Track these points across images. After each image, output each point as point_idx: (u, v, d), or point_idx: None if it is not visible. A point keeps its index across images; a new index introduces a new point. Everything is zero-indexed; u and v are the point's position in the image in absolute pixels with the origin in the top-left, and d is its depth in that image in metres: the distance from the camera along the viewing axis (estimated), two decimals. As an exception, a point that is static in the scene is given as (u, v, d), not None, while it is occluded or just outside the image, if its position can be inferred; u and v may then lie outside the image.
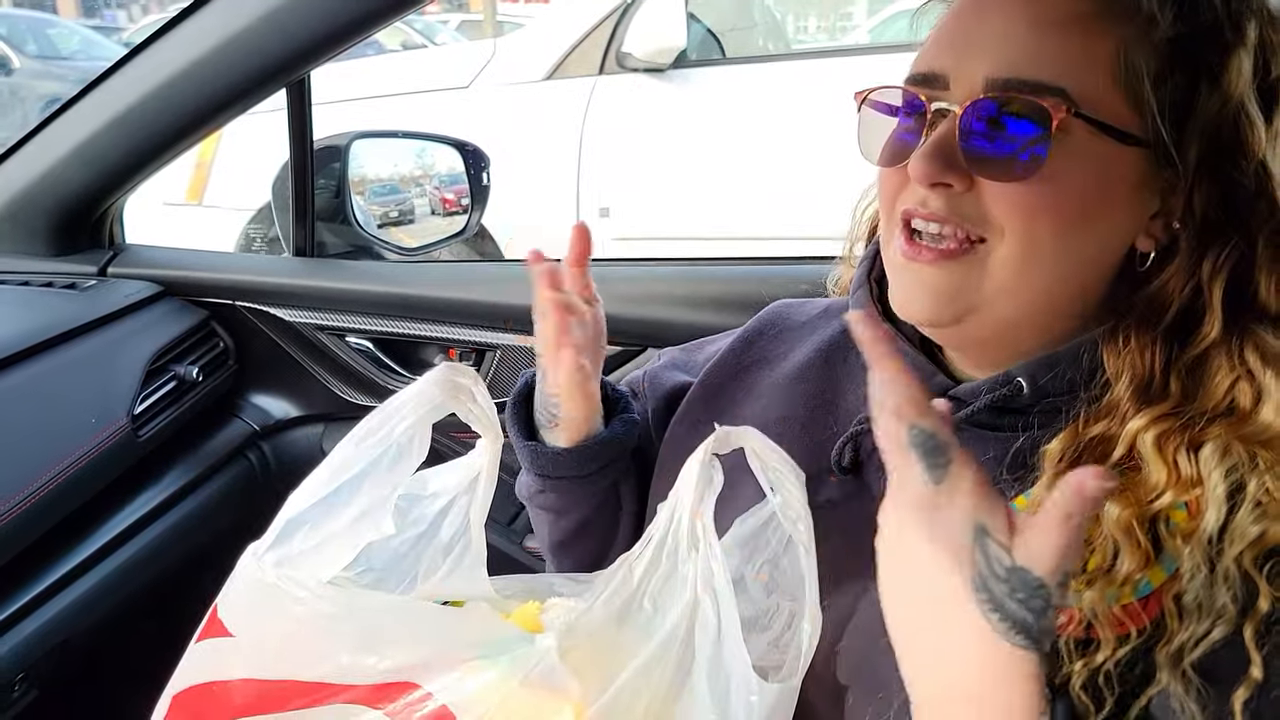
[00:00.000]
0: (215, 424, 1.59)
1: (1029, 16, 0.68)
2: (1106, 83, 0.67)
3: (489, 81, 3.68)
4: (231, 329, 1.61)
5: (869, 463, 0.82)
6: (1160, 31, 0.67)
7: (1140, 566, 0.64)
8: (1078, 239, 0.69)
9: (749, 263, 1.71)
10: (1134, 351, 0.69)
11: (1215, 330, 0.68)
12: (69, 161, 1.45)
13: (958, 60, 0.70)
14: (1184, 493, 0.65)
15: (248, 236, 3.45)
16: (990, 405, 0.74)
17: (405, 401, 0.77)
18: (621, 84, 3.59)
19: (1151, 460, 0.66)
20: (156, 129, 1.42)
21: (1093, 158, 0.67)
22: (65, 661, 1.23)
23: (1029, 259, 0.69)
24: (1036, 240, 0.69)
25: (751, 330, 0.99)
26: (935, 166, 0.69)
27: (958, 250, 0.71)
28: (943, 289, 0.71)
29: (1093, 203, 0.69)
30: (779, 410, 0.89)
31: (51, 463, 1.18)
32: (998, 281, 0.70)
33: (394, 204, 2.08)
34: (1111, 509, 0.65)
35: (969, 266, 0.70)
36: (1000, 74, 0.68)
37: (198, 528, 1.45)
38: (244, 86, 1.39)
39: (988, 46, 0.69)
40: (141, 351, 1.42)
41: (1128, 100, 0.67)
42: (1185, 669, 0.62)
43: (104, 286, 1.52)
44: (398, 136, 2.00)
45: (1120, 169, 0.68)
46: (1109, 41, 0.67)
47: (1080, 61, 0.67)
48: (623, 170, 3.58)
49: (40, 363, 1.29)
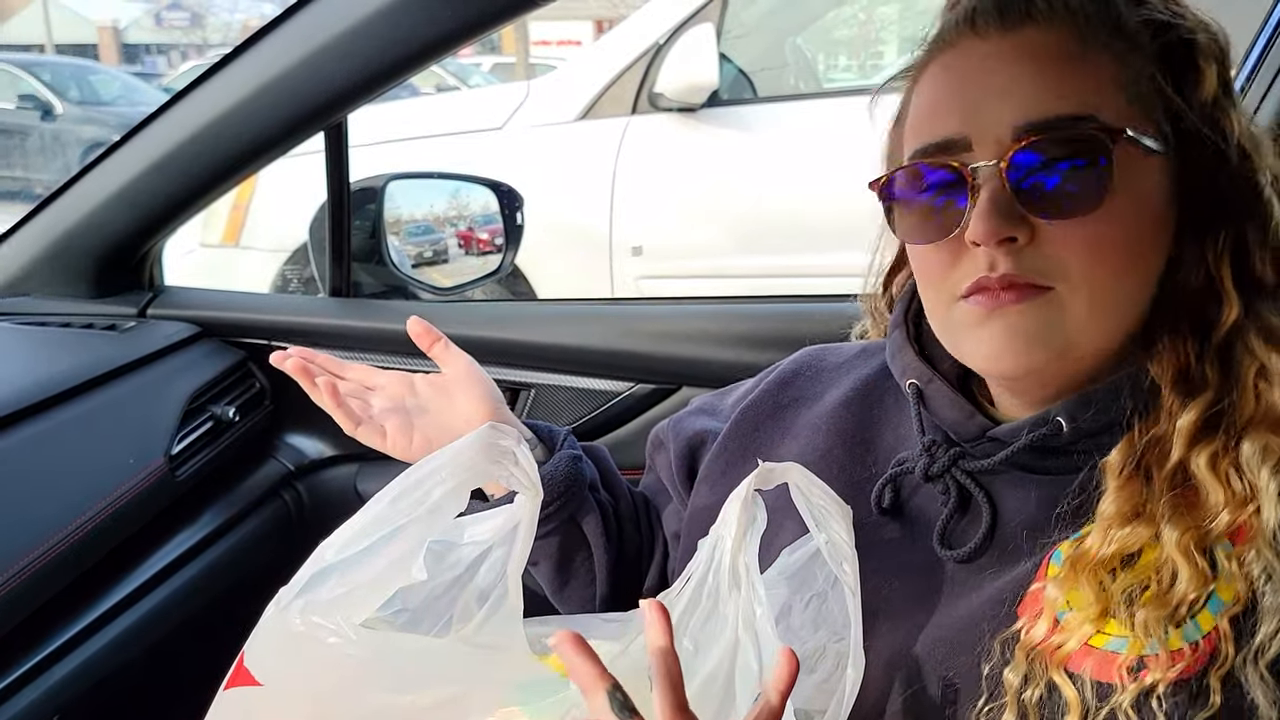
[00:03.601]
0: (251, 464, 1.59)
1: (1036, 60, 0.70)
2: (1123, 103, 0.69)
3: (523, 122, 3.71)
4: (268, 369, 1.62)
5: (909, 503, 0.81)
6: (1146, 46, 0.71)
7: (1200, 588, 0.63)
8: (1141, 265, 0.71)
9: (781, 301, 1.70)
10: (1169, 348, 0.70)
11: (1235, 312, 0.70)
12: (110, 205, 1.47)
13: (974, 119, 0.70)
14: (1240, 511, 0.65)
15: (284, 277, 3.49)
16: (1030, 446, 0.73)
17: (444, 464, 0.76)
18: (654, 124, 3.62)
19: (1208, 481, 0.66)
20: (196, 173, 1.44)
21: (1136, 179, 0.69)
22: (100, 702, 1.23)
23: (1098, 297, 0.69)
24: (1104, 277, 0.69)
25: (787, 371, 0.98)
26: (999, 223, 0.68)
27: (1035, 291, 0.70)
28: (1033, 330, 0.70)
29: (1145, 227, 0.70)
30: (817, 449, 0.88)
31: (91, 502, 1.19)
32: (1076, 323, 0.70)
33: (429, 244, 2.10)
34: (1171, 533, 0.65)
35: (1049, 308, 0.70)
36: (1030, 118, 0.68)
37: (233, 567, 1.45)
38: (282, 131, 1.41)
39: (1005, 97, 0.69)
40: (179, 392, 1.43)
41: (1142, 115, 0.70)
42: (1262, 671, 0.62)
43: (143, 328, 1.54)
44: (433, 177, 2.03)
45: (1154, 184, 0.70)
46: (1111, 64, 0.70)
47: (1097, 88, 0.69)
48: (655, 209, 3.59)
49: (81, 403, 1.30)
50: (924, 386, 0.80)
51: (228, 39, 22.56)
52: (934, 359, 0.81)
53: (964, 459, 0.77)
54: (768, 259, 3.47)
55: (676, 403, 1.52)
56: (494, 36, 16.70)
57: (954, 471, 0.77)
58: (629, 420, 1.54)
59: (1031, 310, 0.69)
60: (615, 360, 1.54)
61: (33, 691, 1.09)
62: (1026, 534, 0.73)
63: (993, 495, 0.76)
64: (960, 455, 0.77)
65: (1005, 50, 0.71)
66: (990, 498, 0.75)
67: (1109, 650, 0.65)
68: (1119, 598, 0.66)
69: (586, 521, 0.99)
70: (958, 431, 0.78)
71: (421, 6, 1.28)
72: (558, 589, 1.03)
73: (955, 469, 0.77)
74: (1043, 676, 0.66)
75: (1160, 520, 0.66)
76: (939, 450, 0.78)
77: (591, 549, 1.00)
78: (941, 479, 0.78)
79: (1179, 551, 0.64)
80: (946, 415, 0.79)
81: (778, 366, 1.00)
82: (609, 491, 1.04)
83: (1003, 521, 0.75)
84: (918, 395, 0.80)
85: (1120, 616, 0.65)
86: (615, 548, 1.01)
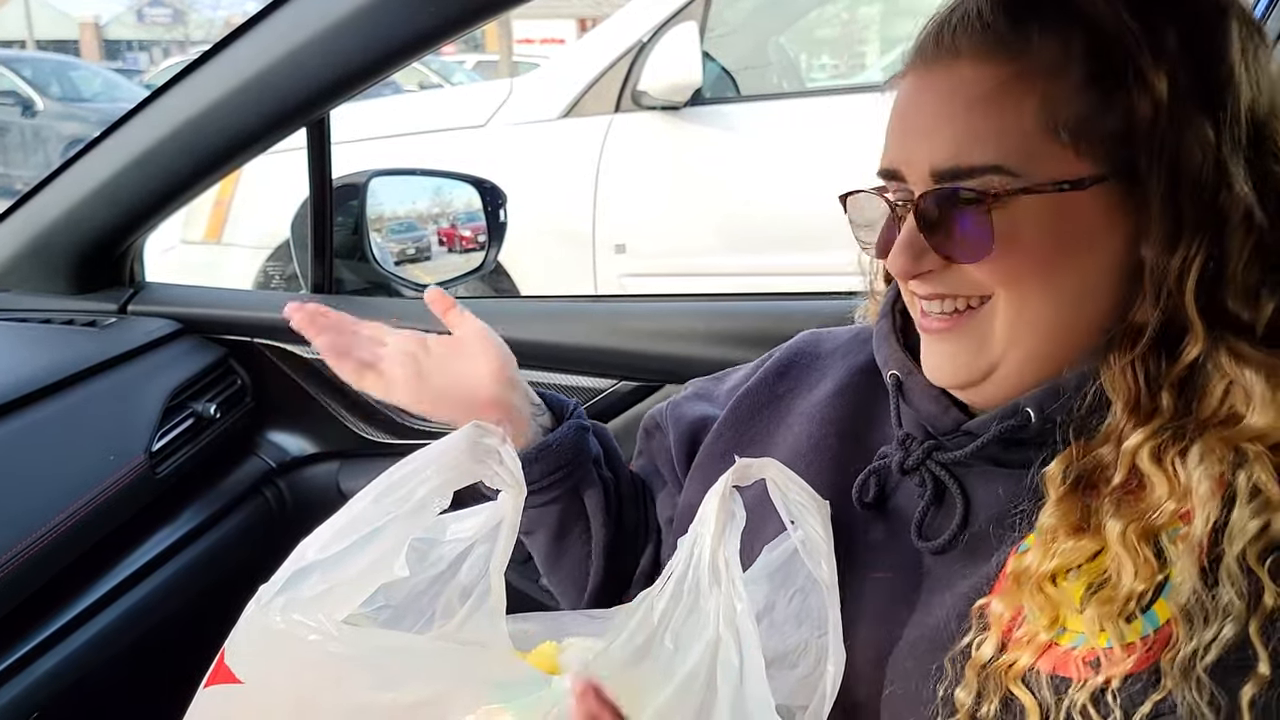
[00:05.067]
0: (232, 461, 1.59)
1: (954, 103, 0.71)
2: (1043, 141, 0.69)
3: (505, 120, 3.71)
4: (249, 366, 1.62)
5: (891, 496, 0.81)
6: (1075, 73, 0.68)
7: (1147, 580, 0.64)
8: (1063, 281, 0.71)
9: (765, 299, 1.71)
10: (1121, 372, 0.69)
11: (1199, 342, 0.68)
12: (91, 201, 1.47)
13: (906, 154, 0.73)
14: (1184, 501, 0.65)
15: (266, 274, 3.48)
16: (999, 438, 0.74)
17: (428, 462, 0.76)
18: (637, 122, 3.62)
19: (1152, 473, 0.66)
20: (177, 169, 1.43)
21: (1049, 215, 0.69)
22: (80, 700, 1.22)
23: (1024, 312, 0.72)
24: (1023, 297, 0.71)
25: (783, 359, 0.98)
26: (909, 262, 0.73)
27: (961, 317, 0.74)
28: (961, 353, 0.75)
29: (1066, 251, 0.70)
30: (811, 438, 0.89)
31: (71, 499, 1.18)
32: (1006, 335, 0.73)
33: (411, 241, 2.09)
34: (1114, 525, 0.66)
35: (978, 325, 0.74)
36: (940, 164, 0.70)
37: (214, 564, 1.44)
38: (264, 127, 1.40)
39: (927, 137, 0.72)
40: (160, 388, 1.42)
41: (1070, 147, 0.68)
42: (1198, 675, 0.61)
43: (124, 324, 1.53)
44: (416, 174, 2.02)
45: (1084, 211, 0.69)
46: (1032, 101, 0.68)
47: (1010, 131, 0.69)
48: (638, 207, 3.59)
49: (61, 399, 1.29)
50: (904, 378, 0.81)
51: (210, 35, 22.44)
52: (917, 350, 0.81)
53: (938, 451, 0.78)
54: (752, 257, 3.47)
55: (660, 400, 1.52)
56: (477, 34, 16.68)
57: (929, 464, 0.78)
58: (613, 417, 1.54)
59: (958, 331, 0.74)
60: (599, 357, 1.54)
61: (12, 689, 1.08)
62: (994, 528, 0.73)
63: (966, 487, 0.77)
64: (935, 448, 0.78)
65: (936, 86, 0.72)
66: (964, 489, 0.76)
67: (1069, 647, 0.66)
68: (1070, 604, 0.66)
69: (589, 494, 1.00)
70: (934, 424, 0.79)
71: (403, 3, 1.27)
72: (552, 564, 1.03)
73: (930, 461, 0.78)
74: (997, 692, 0.67)
75: (1103, 523, 0.67)
76: (914, 444, 0.79)
77: (590, 523, 1.00)
78: (917, 471, 0.79)
79: (1122, 546, 0.65)
80: (923, 407, 0.80)
81: (775, 353, 1.00)
82: (611, 470, 1.04)
83: (974, 513, 0.76)
84: (897, 386, 0.82)
85: (1074, 616, 0.66)
86: (614, 525, 1.01)
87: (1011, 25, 0.69)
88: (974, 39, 0.70)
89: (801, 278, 3.24)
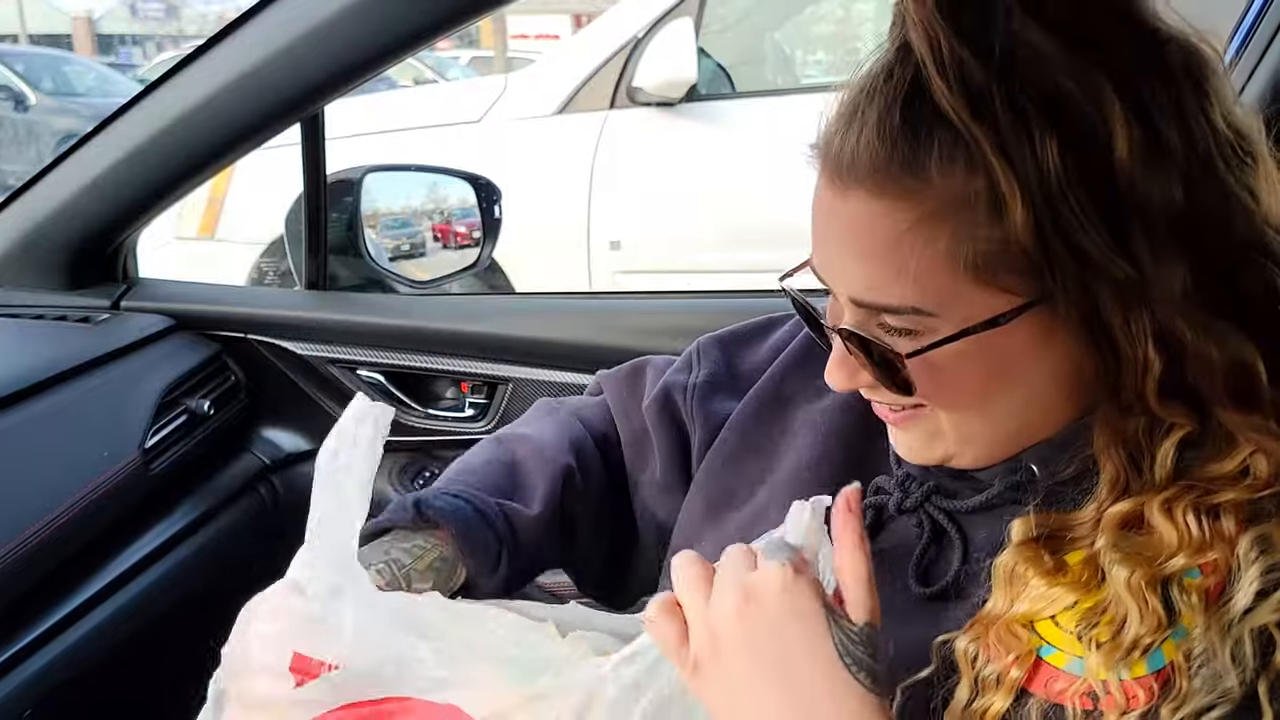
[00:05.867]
0: (226, 458, 1.58)
1: (859, 242, 0.65)
2: (954, 282, 0.63)
3: (500, 116, 3.70)
4: (244, 362, 1.61)
5: (887, 528, 0.79)
6: (981, 206, 0.61)
7: (1153, 631, 0.61)
8: (999, 402, 0.69)
9: (761, 295, 1.70)
10: (1105, 450, 0.66)
11: (1186, 426, 0.64)
12: (83, 196, 1.46)
13: (827, 272, 0.70)
14: (1199, 556, 0.62)
15: (260, 270, 3.47)
16: (1006, 489, 0.73)
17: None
18: (632, 118, 3.61)
19: (1161, 524, 0.63)
20: (170, 164, 1.43)
21: (973, 352, 0.65)
22: (75, 696, 1.21)
23: (964, 421, 0.70)
24: (960, 417, 0.70)
25: (798, 355, 0.94)
26: (843, 381, 0.71)
27: (908, 416, 0.73)
28: (915, 445, 0.74)
29: (996, 379, 0.68)
30: (815, 449, 0.86)
31: (64, 496, 1.18)
32: (954, 435, 0.71)
33: (406, 237, 2.08)
34: (1120, 571, 0.62)
35: (924, 425, 0.72)
36: (858, 295, 0.67)
37: (209, 561, 1.44)
38: (258, 122, 1.39)
39: (840, 267, 0.68)
40: (154, 385, 1.42)
41: (982, 285, 0.63)
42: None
43: (117, 320, 1.53)
44: (410, 170, 2.01)
45: (1011, 341, 0.65)
46: (940, 242, 0.62)
47: (921, 274, 0.63)
48: (634, 204, 3.59)
49: (53, 396, 1.28)
50: None
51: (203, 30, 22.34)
52: None
53: (936, 494, 0.76)
54: (747, 254, 3.47)
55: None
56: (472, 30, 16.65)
57: (927, 507, 0.76)
58: (607, 414, 1.54)
59: (910, 429, 0.73)
60: (594, 354, 1.54)
61: (4, 687, 1.08)
62: (988, 567, 0.70)
63: (965, 531, 0.74)
64: (935, 490, 0.76)
65: (839, 216, 0.66)
66: (963, 533, 0.74)
67: (1068, 672, 0.64)
68: (1061, 632, 0.64)
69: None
70: (933, 471, 0.77)
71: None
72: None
73: (929, 504, 0.76)
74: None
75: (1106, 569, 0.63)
76: (913, 485, 0.77)
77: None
78: (915, 513, 0.77)
79: (1128, 592, 0.62)
80: None
81: (796, 333, 0.96)
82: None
83: (972, 556, 0.73)
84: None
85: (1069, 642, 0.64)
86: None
87: (905, 163, 0.62)
88: (871, 173, 0.63)
89: (796, 274, 3.25)
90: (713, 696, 0.62)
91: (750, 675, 0.61)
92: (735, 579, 0.62)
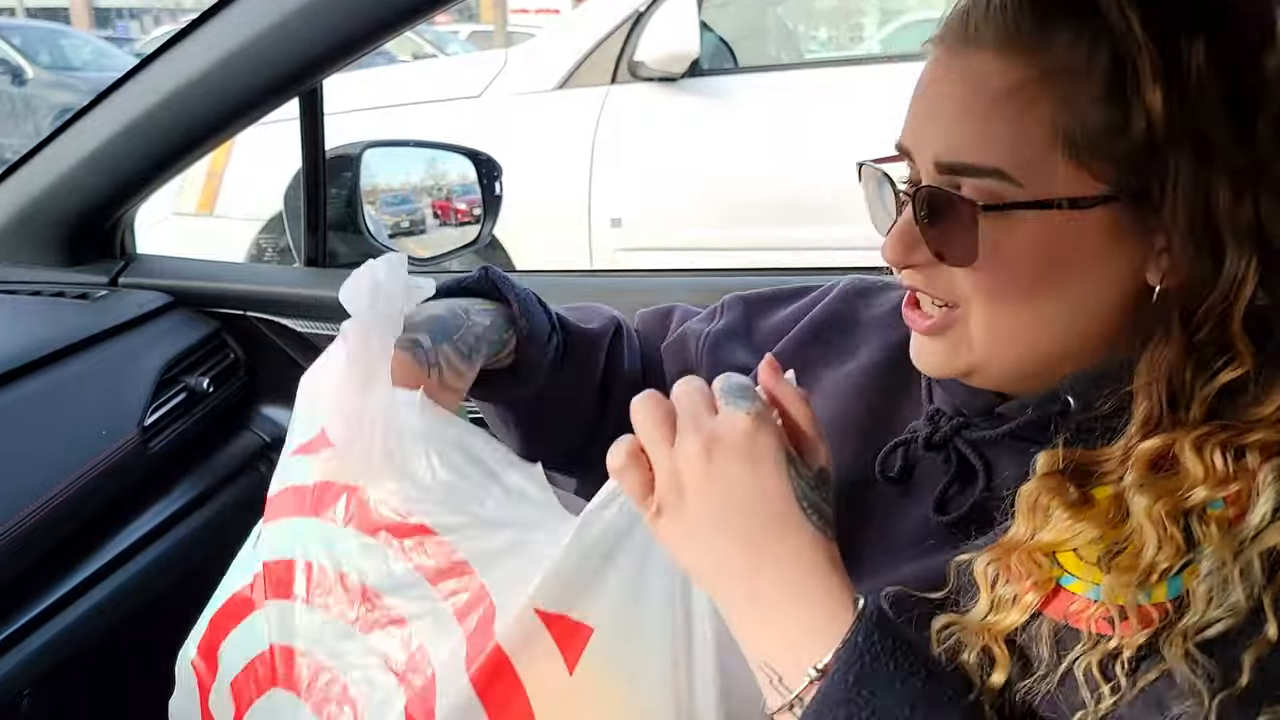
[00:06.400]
0: (226, 436, 1.57)
1: (965, 97, 0.68)
2: (1047, 152, 0.65)
3: (500, 91, 3.67)
4: (243, 340, 1.60)
5: (915, 470, 0.81)
6: (1096, 83, 0.64)
7: (1172, 557, 0.62)
8: (1047, 303, 0.69)
9: (764, 274, 1.69)
10: (1147, 385, 0.67)
11: (1245, 364, 0.65)
12: (80, 171, 1.44)
13: (916, 139, 0.72)
14: (1221, 489, 0.63)
15: (259, 246, 3.46)
16: (1035, 421, 0.73)
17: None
18: (634, 93, 3.59)
19: (1189, 459, 0.64)
20: (168, 139, 1.41)
21: (1043, 232, 0.66)
22: (73, 675, 1.21)
23: (1001, 328, 0.70)
24: (1002, 312, 0.70)
25: (818, 322, 0.97)
26: (900, 253, 0.72)
27: (939, 322, 0.73)
28: (937, 355, 0.74)
29: (1054, 271, 0.68)
30: (840, 409, 0.88)
31: (62, 474, 1.17)
32: (985, 343, 0.71)
33: (405, 214, 2.07)
34: (1141, 500, 0.64)
35: (955, 333, 0.73)
36: (945, 157, 0.68)
37: (209, 539, 1.43)
38: (256, 96, 1.38)
39: (934, 124, 0.70)
40: (153, 362, 1.41)
41: (1075, 163, 0.65)
42: (1189, 649, 0.60)
43: (115, 297, 1.51)
44: (410, 145, 1.99)
45: (1084, 231, 0.66)
46: (1044, 108, 0.65)
47: (1017, 137, 0.66)
48: (635, 180, 3.57)
49: (51, 373, 1.27)
50: None
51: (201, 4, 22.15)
52: None
53: (967, 429, 0.77)
54: (749, 231, 3.46)
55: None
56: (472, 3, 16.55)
57: (956, 441, 0.78)
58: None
59: (937, 339, 0.74)
60: (595, 332, 1.53)
61: (4, 663, 1.08)
62: (1011, 499, 0.71)
63: (991, 464, 0.76)
64: (964, 425, 0.78)
65: (951, 73, 0.70)
66: (988, 466, 0.76)
67: (1086, 598, 0.65)
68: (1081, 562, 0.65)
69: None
70: (965, 407, 0.79)
71: (398, -30, 1.25)
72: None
73: (957, 438, 0.78)
74: (975, 645, 0.66)
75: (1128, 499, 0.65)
76: (942, 419, 0.79)
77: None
78: (944, 448, 0.78)
79: (1148, 520, 0.63)
80: (955, 390, 0.79)
81: (819, 301, 0.99)
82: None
83: (997, 485, 0.75)
84: None
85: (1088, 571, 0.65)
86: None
87: (1037, 22, 0.66)
88: (996, 31, 0.67)
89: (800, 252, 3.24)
90: (674, 540, 0.66)
91: (712, 518, 0.64)
92: (698, 425, 0.65)
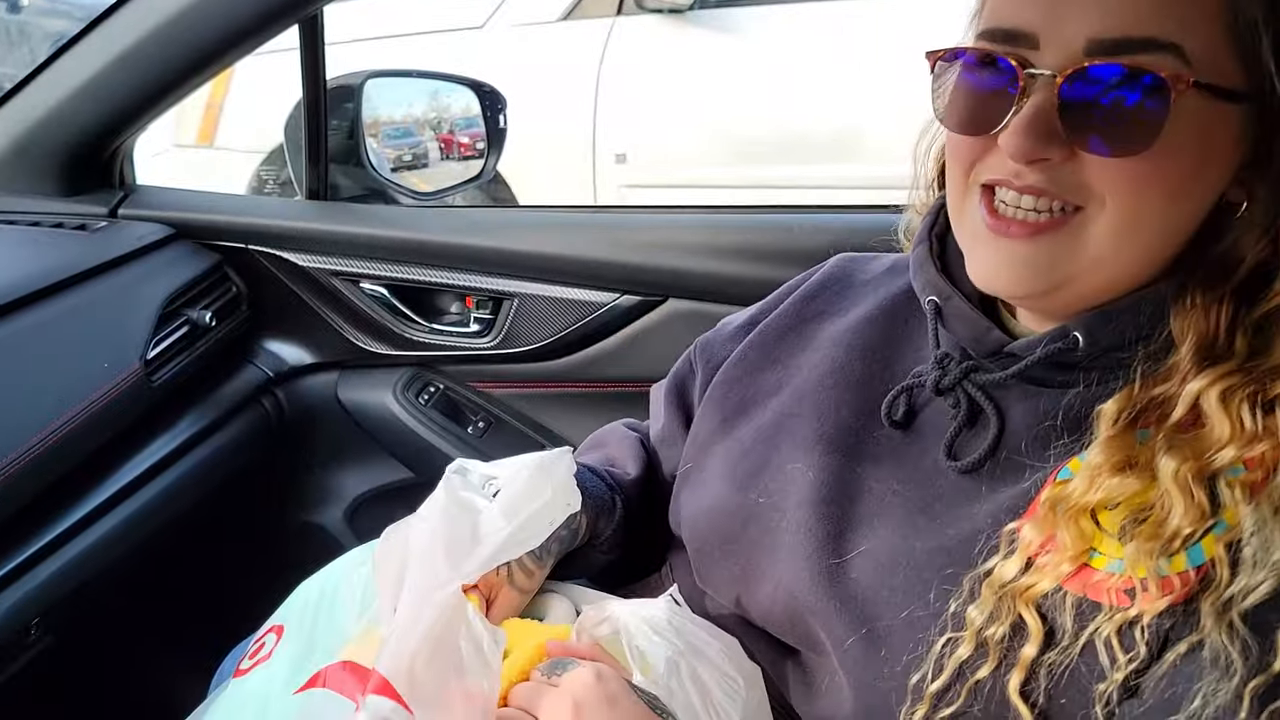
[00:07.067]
0: (229, 370, 1.57)
1: None
2: (1217, 36, 0.61)
3: (504, 22, 3.61)
4: (244, 273, 1.59)
5: (920, 416, 0.80)
6: None
7: (1195, 522, 0.61)
8: (1183, 203, 0.65)
9: (770, 211, 1.67)
10: (1200, 310, 0.65)
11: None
12: (76, 99, 1.42)
13: (1050, 16, 0.63)
14: (1248, 448, 0.62)
15: (260, 178, 3.42)
16: (1045, 360, 0.71)
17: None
18: (640, 25, 3.52)
19: (1215, 415, 0.63)
20: (165, 66, 1.39)
21: (1202, 121, 0.62)
22: (80, 607, 1.22)
23: (1129, 228, 0.65)
24: (1140, 210, 0.64)
25: (814, 285, 0.96)
26: (1034, 142, 0.63)
27: (1051, 224, 0.66)
28: (1036, 264, 0.68)
29: (1198, 167, 0.64)
30: (835, 361, 0.87)
31: (65, 407, 1.17)
32: (1095, 253, 0.66)
33: (408, 147, 2.04)
34: (1168, 463, 0.63)
35: (1065, 238, 0.66)
36: (1106, 34, 0.61)
37: (213, 473, 1.44)
38: (254, 22, 1.35)
39: (1087, 7, 0.62)
40: (154, 295, 1.40)
41: (1237, 53, 0.62)
42: (1233, 619, 0.60)
43: (115, 228, 1.50)
44: (412, 76, 1.96)
45: (1224, 127, 0.64)
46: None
47: (1191, 12, 0.60)
48: (641, 115, 3.52)
49: (52, 305, 1.26)
50: (943, 303, 0.78)
51: (198, -71, 21.73)
52: (956, 277, 0.78)
53: (976, 372, 0.76)
54: (757, 169, 3.41)
55: (663, 315, 1.50)
56: (475, -68, 16.17)
57: (965, 385, 0.76)
58: (614, 331, 1.52)
59: (1042, 242, 0.67)
60: (600, 270, 1.52)
61: (10, 596, 1.08)
62: (1031, 445, 0.71)
63: (1002, 407, 0.74)
64: (973, 369, 0.76)
65: None
66: (999, 410, 0.74)
67: (1106, 572, 0.65)
68: (1105, 536, 0.65)
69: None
70: (974, 347, 0.76)
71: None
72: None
73: (966, 382, 0.76)
74: (1009, 614, 0.65)
75: (1155, 460, 0.64)
76: (950, 364, 0.77)
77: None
78: (953, 392, 0.77)
79: (1174, 484, 0.62)
80: (963, 332, 0.77)
81: (807, 277, 0.98)
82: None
83: (1009, 433, 0.73)
84: (935, 312, 0.78)
85: (1110, 546, 0.65)
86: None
87: None
88: None
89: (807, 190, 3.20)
90: None
91: None
92: (555, 695, 0.73)
